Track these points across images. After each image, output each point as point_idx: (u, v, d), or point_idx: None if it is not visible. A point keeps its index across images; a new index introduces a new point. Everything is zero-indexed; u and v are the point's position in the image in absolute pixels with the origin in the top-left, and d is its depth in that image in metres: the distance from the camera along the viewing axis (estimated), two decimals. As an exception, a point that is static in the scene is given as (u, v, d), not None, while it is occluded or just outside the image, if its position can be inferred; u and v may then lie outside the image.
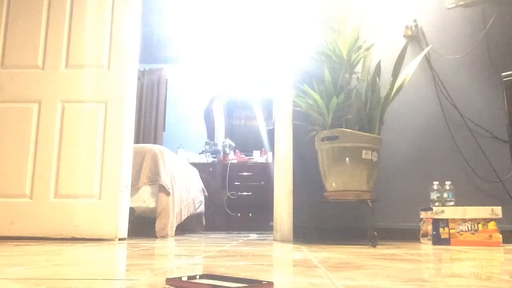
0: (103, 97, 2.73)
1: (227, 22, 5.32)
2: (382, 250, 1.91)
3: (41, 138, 2.69)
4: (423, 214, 2.51)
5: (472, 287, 0.86)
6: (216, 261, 1.36)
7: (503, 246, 2.30)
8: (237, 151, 5.61)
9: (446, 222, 2.36)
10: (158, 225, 3.11)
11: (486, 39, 2.89)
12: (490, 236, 2.31)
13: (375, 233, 2.16)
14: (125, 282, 0.90)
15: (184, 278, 0.84)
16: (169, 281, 0.84)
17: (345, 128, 2.40)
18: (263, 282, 0.80)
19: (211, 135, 5.84)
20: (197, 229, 4.58)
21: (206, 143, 5.61)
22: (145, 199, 3.23)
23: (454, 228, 2.35)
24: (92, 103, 2.73)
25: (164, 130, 5.84)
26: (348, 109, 2.46)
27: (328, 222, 2.76)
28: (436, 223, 2.36)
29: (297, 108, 2.75)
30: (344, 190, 2.36)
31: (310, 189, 2.77)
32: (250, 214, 5.11)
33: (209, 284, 0.78)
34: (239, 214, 5.13)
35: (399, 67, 2.46)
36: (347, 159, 2.35)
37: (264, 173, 5.14)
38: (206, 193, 4.76)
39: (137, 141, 5.56)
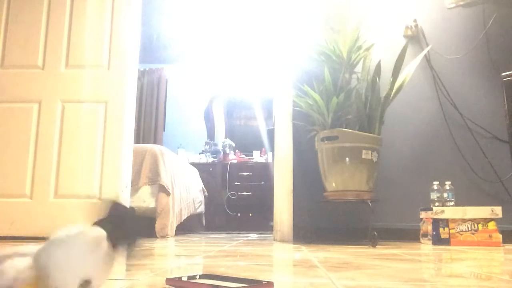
0: (103, 97, 2.73)
1: (227, 22, 5.32)
2: (382, 250, 1.91)
3: (41, 138, 2.69)
4: (423, 214, 2.51)
5: (472, 287, 0.86)
6: (216, 261, 1.36)
7: (503, 246, 2.30)
8: (237, 151, 5.61)
9: (446, 222, 2.36)
10: (158, 225, 3.11)
11: (486, 39, 2.89)
12: (490, 236, 2.31)
13: (375, 233, 2.16)
14: (125, 282, 0.90)
15: (184, 278, 0.84)
16: (169, 281, 0.84)
17: (345, 128, 2.40)
18: (263, 282, 0.80)
19: (211, 135, 5.84)
20: (197, 229, 4.58)
21: (206, 143, 5.61)
22: (145, 199, 3.23)
23: (454, 228, 2.35)
24: (92, 103, 2.73)
25: (164, 130, 5.84)
26: (348, 109, 2.46)
27: (328, 222, 2.76)
28: (436, 223, 2.36)
29: (297, 108, 2.75)
30: (344, 190, 2.36)
31: (310, 189, 2.77)
32: (250, 214, 5.11)
33: (209, 284, 0.78)
34: (239, 214, 5.12)
35: (399, 67, 2.46)
36: (347, 159, 2.35)
37: (264, 173, 5.14)
38: (206, 193, 4.75)
39: (137, 141, 5.56)
